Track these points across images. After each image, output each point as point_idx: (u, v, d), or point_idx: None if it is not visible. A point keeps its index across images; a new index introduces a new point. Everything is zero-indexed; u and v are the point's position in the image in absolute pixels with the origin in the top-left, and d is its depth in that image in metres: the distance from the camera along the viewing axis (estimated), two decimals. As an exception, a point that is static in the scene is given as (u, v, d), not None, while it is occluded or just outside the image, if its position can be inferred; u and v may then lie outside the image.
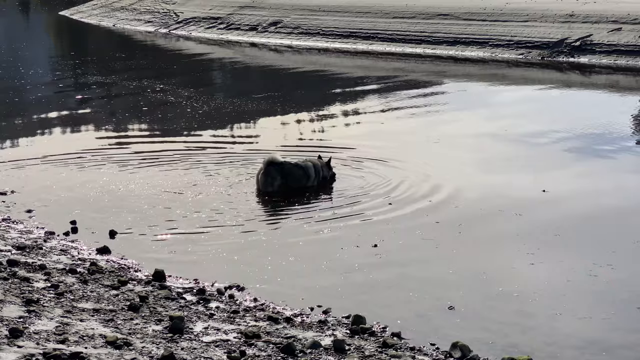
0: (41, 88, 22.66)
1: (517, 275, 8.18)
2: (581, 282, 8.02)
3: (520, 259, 8.59)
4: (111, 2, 46.07)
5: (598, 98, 19.80)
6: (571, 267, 8.36)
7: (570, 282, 8.02)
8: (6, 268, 7.38)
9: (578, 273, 8.22)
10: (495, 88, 21.13)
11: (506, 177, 11.79)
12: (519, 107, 17.99)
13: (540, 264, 8.46)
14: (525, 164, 12.59)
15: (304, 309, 7.26)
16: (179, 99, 19.33)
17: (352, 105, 18.97)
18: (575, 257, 8.60)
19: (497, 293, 7.71)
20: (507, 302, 7.50)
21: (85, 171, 12.44)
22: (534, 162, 12.79)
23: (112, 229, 9.42)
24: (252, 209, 10.64)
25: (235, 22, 34.16)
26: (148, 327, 6.27)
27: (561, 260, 8.55)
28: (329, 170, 11.73)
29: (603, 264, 8.38)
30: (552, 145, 13.82)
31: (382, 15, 29.90)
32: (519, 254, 8.75)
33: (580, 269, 8.29)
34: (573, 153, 13.39)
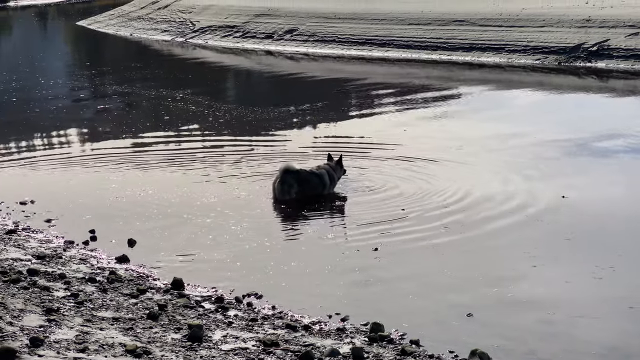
0: (60, 98, 22.81)
1: (536, 282, 8.14)
2: (601, 288, 7.96)
3: (539, 265, 8.55)
4: (128, 12, 46.36)
5: (616, 103, 19.68)
6: (591, 273, 8.30)
7: (589, 288, 7.97)
8: (26, 277, 7.43)
9: (597, 279, 8.17)
10: (512, 94, 21.03)
11: (524, 182, 11.71)
12: (536, 113, 17.89)
13: (559, 270, 8.42)
14: (544, 169, 12.51)
15: (322, 317, 7.27)
16: (196, 107, 19.40)
17: (369, 111, 18.96)
18: (594, 263, 8.53)
19: (515, 300, 7.68)
20: (526, 309, 7.46)
21: (104, 179, 12.53)
22: (553, 167, 12.70)
23: (130, 238, 9.47)
24: (269, 216, 10.68)
25: (251, 31, 34.26)
26: (167, 335, 6.29)
27: (580, 266, 8.50)
28: (341, 169, 11.77)
29: (623, 270, 8.33)
30: (571, 151, 13.73)
31: (398, 22, 29.88)
32: (537, 260, 8.70)
33: (600, 275, 8.24)
34: (592, 158, 13.31)
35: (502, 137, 14.83)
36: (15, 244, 8.98)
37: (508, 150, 13.82)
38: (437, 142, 14.58)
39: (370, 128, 16.55)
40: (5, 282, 7.15)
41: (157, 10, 43.53)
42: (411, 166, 12.79)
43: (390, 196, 11.21)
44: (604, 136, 14.80)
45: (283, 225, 10.41)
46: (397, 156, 13.56)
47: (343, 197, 11.31)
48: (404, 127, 16.29)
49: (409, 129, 16.04)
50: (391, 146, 14.40)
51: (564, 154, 13.49)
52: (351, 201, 11.14)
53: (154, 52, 35.39)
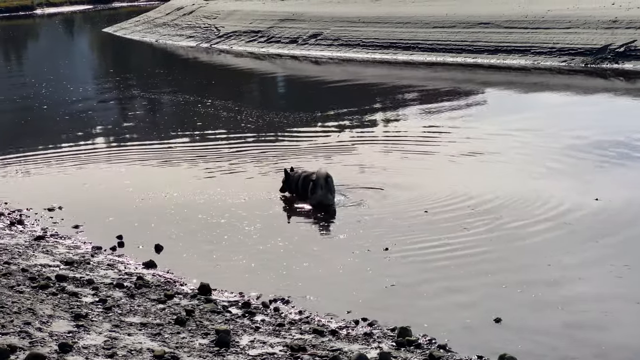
0: (88, 104, 23.02)
1: (565, 286, 8.06)
2: (630, 293, 7.86)
3: (569, 269, 8.46)
4: (153, 19, 46.66)
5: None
6: (620, 277, 8.21)
7: (620, 293, 7.88)
8: (55, 283, 7.48)
9: (627, 283, 8.08)
10: (538, 96, 20.90)
11: (554, 185, 11.59)
12: (564, 116, 17.75)
13: (588, 274, 8.34)
14: (575, 172, 12.39)
15: (349, 322, 7.24)
16: (221, 112, 19.47)
17: (394, 115, 18.93)
18: (624, 267, 8.44)
19: (544, 304, 7.60)
20: (555, 314, 7.39)
21: (130, 183, 12.61)
22: (584, 170, 12.58)
23: (157, 243, 9.51)
24: (295, 220, 10.69)
25: (276, 35, 34.35)
26: (195, 340, 6.30)
27: (610, 270, 8.39)
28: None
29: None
30: (602, 154, 13.57)
31: (422, 25, 29.81)
32: (567, 264, 8.62)
33: (630, 279, 8.15)
34: (623, 161, 13.14)
35: (530, 140, 14.73)
36: (44, 250, 9.05)
37: (536, 153, 13.72)
38: (464, 146, 14.51)
39: (395, 131, 16.52)
40: (34, 288, 7.21)
41: (182, 16, 43.77)
42: (436, 169, 12.75)
43: (414, 197, 11.19)
44: (634, 139, 14.64)
45: (308, 229, 10.39)
46: (421, 158, 13.53)
47: (367, 200, 11.25)
48: (428, 131, 16.24)
49: (434, 133, 15.99)
50: (416, 149, 14.39)
51: (594, 157, 13.34)
52: (375, 203, 11.09)
53: (179, 57, 35.59)
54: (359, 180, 12.25)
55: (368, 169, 13.00)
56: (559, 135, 15.00)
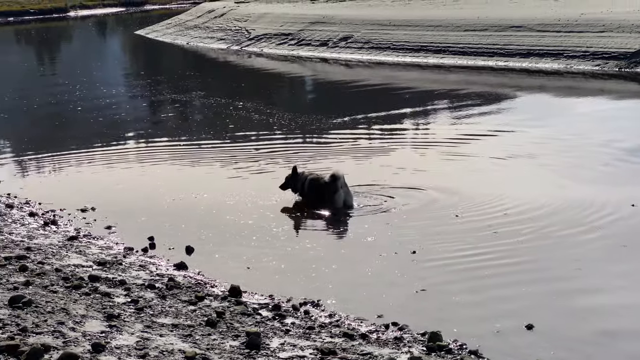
0: (121, 106, 23.23)
1: (600, 294, 7.97)
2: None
3: (604, 277, 8.37)
4: (184, 21, 46.97)
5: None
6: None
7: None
8: (88, 283, 7.55)
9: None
10: (571, 100, 20.73)
11: (590, 190, 11.46)
12: (598, 120, 17.57)
13: (623, 280, 8.24)
14: (611, 178, 12.25)
15: (379, 326, 7.23)
16: (251, 114, 19.53)
17: (424, 119, 18.88)
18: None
19: (578, 311, 7.53)
20: (588, 320, 7.32)
21: (161, 185, 12.70)
22: (620, 175, 12.44)
23: (188, 245, 9.56)
24: (325, 222, 10.68)
25: (306, 38, 34.41)
26: (225, 342, 6.32)
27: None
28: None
29: (688, 281, 8.12)
30: (638, 159, 13.42)
31: (454, 28, 29.71)
32: (602, 271, 8.53)
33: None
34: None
35: (564, 145, 14.59)
36: (77, 250, 9.13)
37: (571, 158, 13.59)
38: (496, 150, 14.43)
39: (426, 134, 16.47)
40: (67, 288, 7.28)
41: (213, 19, 44.02)
42: (467, 172, 12.70)
43: (445, 201, 11.15)
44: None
45: (336, 231, 10.39)
46: (453, 162, 13.48)
47: (396, 202, 11.22)
48: (459, 134, 16.17)
49: (466, 136, 15.91)
50: (448, 153, 14.34)
51: (630, 162, 13.20)
52: (404, 206, 11.04)
53: (210, 60, 35.79)
54: (389, 182, 12.22)
55: (398, 171, 12.96)
56: (593, 140, 14.85)
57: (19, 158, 15.97)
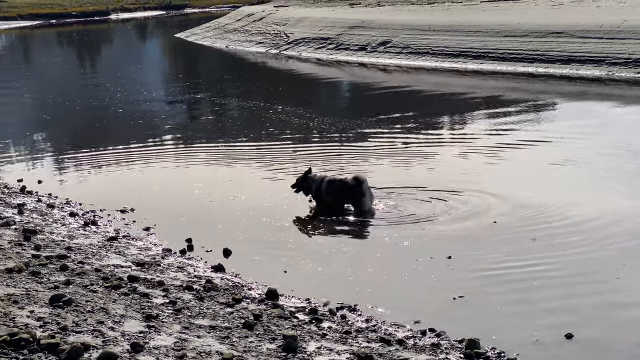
0: (161, 109, 23.43)
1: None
2: None
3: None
4: (224, 25, 47.28)
5: None
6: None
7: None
8: (127, 283, 7.61)
9: None
10: (615, 108, 20.44)
11: (631, 200, 11.30)
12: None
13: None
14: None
15: (416, 332, 7.19)
16: (289, 117, 19.58)
17: (463, 125, 18.77)
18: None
19: (618, 321, 7.41)
20: (629, 332, 7.20)
21: (199, 187, 12.77)
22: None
23: (226, 248, 9.60)
24: (361, 225, 10.66)
25: (345, 42, 34.42)
26: (262, 345, 6.33)
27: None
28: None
29: None
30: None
31: (493, 34, 29.52)
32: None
33: None
34: None
35: (605, 153, 14.39)
36: (116, 250, 9.22)
37: (612, 166, 13.39)
38: (537, 156, 14.31)
39: (465, 140, 16.38)
40: (107, 288, 7.34)
41: (252, 22, 44.24)
42: (506, 178, 12.57)
43: (483, 206, 11.06)
44: None
45: (372, 234, 10.33)
46: (493, 167, 13.37)
47: (432, 206, 11.15)
48: (500, 140, 16.04)
49: (506, 142, 15.76)
50: (488, 158, 14.24)
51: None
52: (440, 210, 10.96)
53: (249, 63, 35.96)
54: (425, 186, 12.18)
55: (436, 175, 12.89)
56: (637, 150, 14.62)
57: (59, 158, 16.18)
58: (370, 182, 12.54)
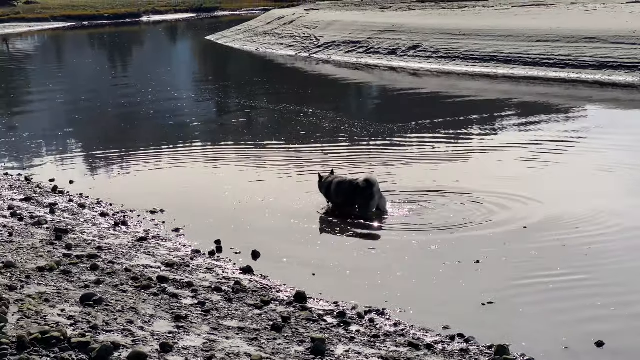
0: (192, 111, 23.56)
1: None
2: None
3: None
4: (254, 27, 47.44)
5: None
6: None
7: None
8: (156, 284, 7.66)
9: None
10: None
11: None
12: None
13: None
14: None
15: (445, 337, 7.15)
16: (318, 120, 19.59)
17: (493, 130, 18.66)
18: None
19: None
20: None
21: (228, 188, 12.84)
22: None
23: (255, 250, 9.62)
24: (389, 228, 10.62)
25: (375, 46, 34.39)
26: (291, 347, 6.34)
27: None
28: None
29: None
30: None
31: (525, 38, 29.33)
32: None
33: None
34: None
35: (637, 161, 14.22)
36: (146, 251, 9.28)
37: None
38: (568, 163, 14.19)
39: (493, 146, 16.28)
40: (136, 288, 7.39)
41: (282, 25, 44.34)
42: (539, 184, 12.46)
43: (513, 211, 10.99)
44: None
45: (400, 236, 10.25)
46: (526, 173, 13.26)
47: (462, 210, 11.10)
48: (533, 145, 15.91)
49: (536, 150, 15.62)
50: (521, 164, 14.14)
51: None
52: (470, 214, 10.89)
53: (278, 66, 36.05)
54: (454, 189, 12.14)
55: (466, 180, 12.81)
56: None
57: (91, 158, 16.33)
58: (399, 186, 12.55)
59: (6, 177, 13.89)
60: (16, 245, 8.37)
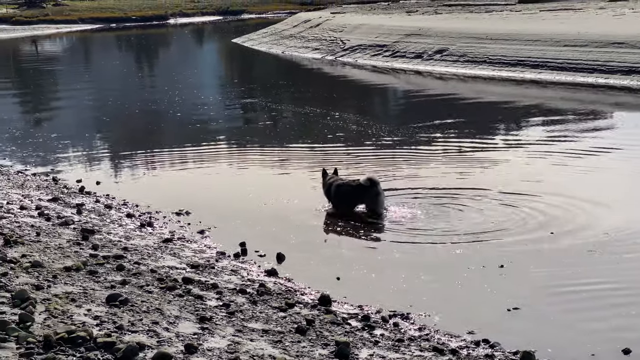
0: (218, 113, 23.65)
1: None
2: None
3: None
4: (280, 30, 47.55)
5: None
6: None
7: None
8: (181, 285, 7.69)
9: None
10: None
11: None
12: None
13: None
14: None
15: (470, 342, 7.11)
16: (343, 123, 19.58)
17: (520, 134, 18.55)
18: None
19: (678, 338, 7.24)
20: (689, 349, 7.03)
21: (253, 190, 12.86)
22: None
23: (279, 252, 9.63)
24: (414, 232, 10.56)
25: (401, 50, 34.33)
26: (315, 350, 6.33)
27: None
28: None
29: None
30: None
31: (552, 43, 29.13)
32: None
33: None
34: None
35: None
36: (171, 252, 9.32)
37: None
38: (595, 170, 14.05)
39: (520, 149, 16.19)
40: (162, 289, 7.42)
41: (308, 28, 44.40)
42: (568, 189, 12.33)
43: (539, 217, 10.90)
44: None
45: (424, 240, 10.18)
46: (553, 179, 13.16)
47: (487, 214, 11.03)
48: (556, 155, 15.78)
49: (563, 155, 15.50)
50: (542, 170, 14.03)
51: None
52: (497, 218, 10.83)
53: (304, 69, 36.10)
54: (479, 193, 12.08)
55: (491, 184, 12.74)
56: None
57: (117, 160, 16.44)
58: (424, 188, 12.51)
59: (34, 178, 14.02)
60: (43, 245, 8.44)
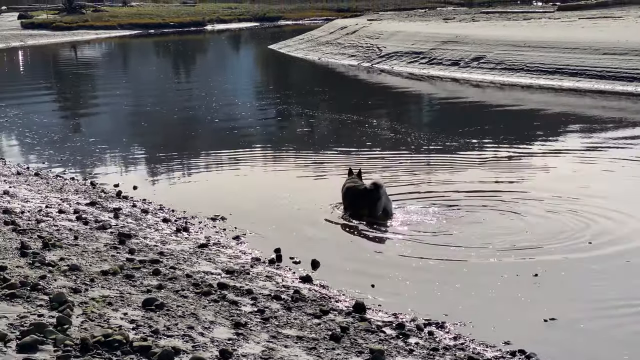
0: (255, 118, 23.76)
1: None
2: None
3: None
4: (317, 37, 47.66)
5: None
6: None
7: None
8: (217, 290, 7.72)
9: None
10: None
11: None
12: None
13: None
14: None
15: (505, 352, 7.04)
16: (380, 130, 19.56)
17: (558, 142, 18.37)
18: None
19: None
20: None
21: (288, 196, 12.90)
22: None
23: (314, 259, 9.63)
24: (447, 238, 10.50)
25: (437, 57, 34.20)
26: (349, 358, 6.31)
27: None
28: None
29: None
30: None
31: (592, 51, 28.82)
32: None
33: None
34: None
35: None
36: (207, 257, 9.36)
37: None
38: (635, 179, 13.87)
39: (556, 161, 16.03)
40: (197, 294, 7.46)
41: (345, 35, 44.45)
42: (606, 200, 12.16)
43: (577, 226, 10.77)
44: None
45: (457, 247, 10.09)
46: (594, 187, 13.00)
47: (523, 223, 10.92)
48: (595, 165, 15.57)
49: (602, 169, 15.22)
50: (581, 178, 13.86)
51: None
52: (533, 227, 10.72)
53: (340, 76, 36.13)
54: (513, 200, 12.01)
55: (527, 191, 12.62)
56: None
57: (154, 164, 16.58)
58: (459, 197, 12.43)
59: (72, 182, 14.18)
60: (81, 249, 8.53)
